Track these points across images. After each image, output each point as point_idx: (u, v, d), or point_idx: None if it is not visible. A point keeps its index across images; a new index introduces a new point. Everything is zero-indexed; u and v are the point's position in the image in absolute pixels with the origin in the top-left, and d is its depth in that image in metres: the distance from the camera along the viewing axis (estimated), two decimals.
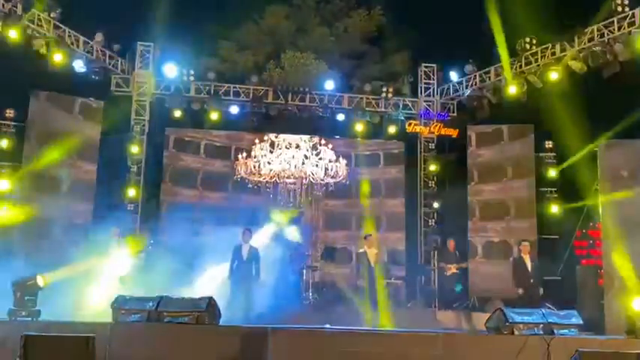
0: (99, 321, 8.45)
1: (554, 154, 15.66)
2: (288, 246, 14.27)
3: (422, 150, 16.89)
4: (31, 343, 6.84)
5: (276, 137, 15.68)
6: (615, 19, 13.11)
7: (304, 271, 14.14)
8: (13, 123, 14.34)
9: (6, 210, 12.96)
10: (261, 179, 15.03)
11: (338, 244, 16.62)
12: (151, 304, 8.46)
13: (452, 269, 14.04)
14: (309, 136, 15.63)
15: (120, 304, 8.55)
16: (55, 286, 9.48)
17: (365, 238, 12.84)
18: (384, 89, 16.75)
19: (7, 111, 14.34)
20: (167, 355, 7.89)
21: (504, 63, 14.95)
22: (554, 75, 14.21)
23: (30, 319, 8.29)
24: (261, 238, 13.75)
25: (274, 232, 14.46)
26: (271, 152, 15.08)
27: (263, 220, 14.66)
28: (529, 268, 12.00)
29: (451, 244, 14.38)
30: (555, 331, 8.48)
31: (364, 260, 12.28)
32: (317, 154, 15.24)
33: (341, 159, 15.26)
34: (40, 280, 8.71)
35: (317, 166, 14.99)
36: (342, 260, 16.07)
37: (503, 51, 14.75)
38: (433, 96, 17.08)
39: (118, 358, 7.67)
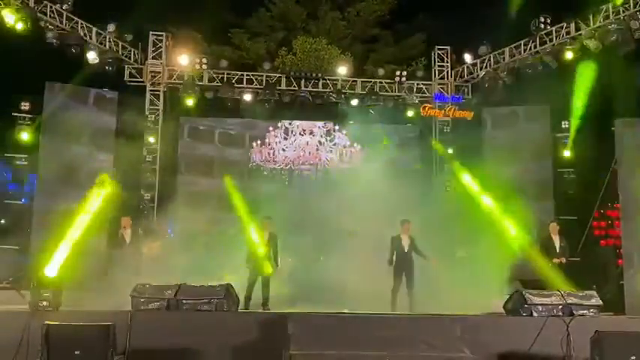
0: (119, 309, 8.52)
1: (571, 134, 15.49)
2: None
3: (437, 133, 16.78)
4: (52, 332, 6.93)
5: (289, 124, 15.65)
6: None
7: None
8: (28, 115, 14.43)
9: None
10: (276, 166, 15.03)
11: None
12: (169, 292, 8.54)
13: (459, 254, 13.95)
14: (323, 122, 15.56)
15: (139, 293, 8.62)
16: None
17: (402, 223, 11.84)
18: (398, 73, 16.58)
19: (23, 104, 14.44)
20: (187, 342, 7.95)
21: None
22: (569, 54, 14.05)
23: (51, 308, 8.36)
24: None
25: None
26: (285, 139, 15.09)
27: None
28: (557, 249, 11.51)
29: None
30: (575, 312, 8.45)
31: (397, 245, 11.57)
32: (331, 140, 15.19)
33: (355, 144, 15.17)
34: (57, 272, 8.77)
35: (331, 151, 14.95)
36: None
37: None
38: (447, 79, 16.92)
39: (138, 345, 7.75)
